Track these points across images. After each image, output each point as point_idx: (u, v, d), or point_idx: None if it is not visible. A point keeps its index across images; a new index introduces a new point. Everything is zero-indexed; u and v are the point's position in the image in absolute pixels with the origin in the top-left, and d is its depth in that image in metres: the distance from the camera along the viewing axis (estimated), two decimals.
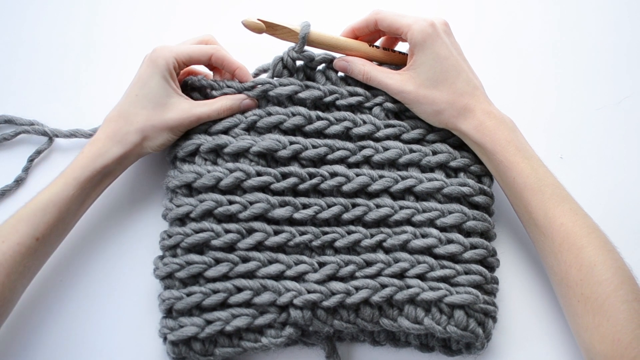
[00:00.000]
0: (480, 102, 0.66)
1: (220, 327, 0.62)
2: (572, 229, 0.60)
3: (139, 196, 0.73)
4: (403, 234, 0.66)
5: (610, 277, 0.57)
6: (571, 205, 0.62)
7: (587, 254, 0.59)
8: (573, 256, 0.59)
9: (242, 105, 0.69)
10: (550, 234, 0.61)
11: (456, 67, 0.65)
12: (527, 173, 0.63)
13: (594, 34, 0.83)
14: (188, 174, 0.66)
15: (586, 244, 0.59)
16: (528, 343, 0.69)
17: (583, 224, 0.61)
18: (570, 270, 0.59)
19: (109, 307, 0.69)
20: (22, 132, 0.74)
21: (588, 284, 0.57)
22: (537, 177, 0.63)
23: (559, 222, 0.61)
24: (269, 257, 0.65)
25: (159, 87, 0.66)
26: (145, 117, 0.65)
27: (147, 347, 0.68)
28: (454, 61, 0.66)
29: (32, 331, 0.67)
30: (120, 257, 0.70)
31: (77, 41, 0.80)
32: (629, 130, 0.80)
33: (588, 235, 0.60)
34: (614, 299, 0.56)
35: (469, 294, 0.64)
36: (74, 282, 0.69)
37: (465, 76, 0.66)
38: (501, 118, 0.66)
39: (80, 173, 0.64)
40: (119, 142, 0.65)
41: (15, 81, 0.77)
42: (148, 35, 0.80)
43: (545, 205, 0.62)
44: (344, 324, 0.64)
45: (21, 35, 0.79)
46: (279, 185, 0.66)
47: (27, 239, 0.61)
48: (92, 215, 0.71)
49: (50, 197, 0.62)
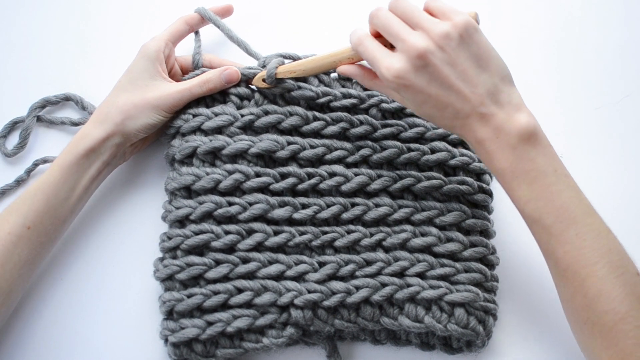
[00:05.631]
0: (471, 129, 0.59)
1: (221, 328, 0.62)
2: (576, 257, 0.56)
3: (138, 198, 0.73)
4: (402, 233, 0.66)
5: (616, 306, 0.54)
6: (578, 230, 0.57)
7: (590, 284, 0.55)
8: (577, 284, 0.56)
9: (223, 77, 0.68)
10: (553, 261, 0.58)
11: (439, 104, 0.59)
12: (524, 201, 0.58)
13: (593, 33, 0.83)
14: (187, 176, 0.66)
15: (590, 274, 0.55)
16: (529, 341, 0.69)
17: (590, 250, 0.56)
18: (576, 296, 0.57)
19: (110, 309, 0.69)
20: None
21: (594, 312, 0.55)
22: (538, 205, 0.58)
23: (561, 250, 0.57)
24: (269, 258, 0.65)
25: (142, 69, 0.67)
26: (125, 97, 0.67)
27: (148, 349, 0.68)
28: (434, 101, 0.58)
29: (32, 332, 0.67)
30: (120, 259, 0.71)
31: (72, 38, 0.80)
32: (628, 129, 0.80)
33: (594, 265, 0.56)
34: (621, 326, 0.54)
35: (469, 292, 0.64)
36: (74, 284, 0.69)
37: (451, 110, 0.59)
38: (502, 140, 0.58)
39: (63, 158, 0.65)
40: (100, 124, 0.66)
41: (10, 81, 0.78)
42: (146, 33, 0.80)
43: (547, 234, 0.58)
44: (345, 323, 0.64)
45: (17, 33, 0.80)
46: (278, 186, 0.66)
47: (18, 228, 0.62)
48: (91, 217, 0.71)
49: (38, 185, 0.64)
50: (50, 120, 0.74)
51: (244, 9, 0.80)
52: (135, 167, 0.73)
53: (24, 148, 0.73)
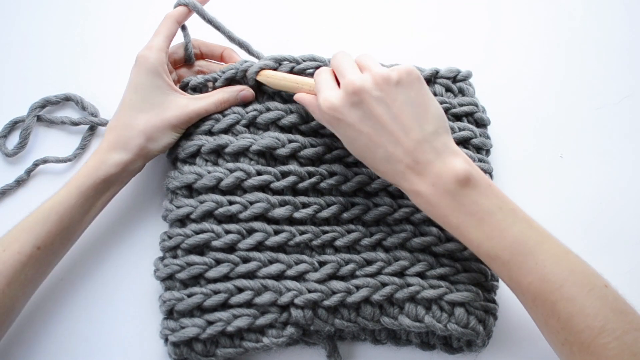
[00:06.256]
0: (405, 178, 0.59)
1: (221, 328, 0.62)
2: (540, 286, 0.56)
3: (139, 197, 0.73)
4: (402, 233, 0.66)
5: (590, 323, 0.54)
6: (537, 259, 0.56)
7: (561, 307, 0.55)
8: (548, 310, 0.56)
9: (239, 97, 0.69)
10: (521, 293, 0.58)
11: (370, 143, 0.59)
12: (477, 243, 0.58)
13: (593, 33, 0.83)
14: (188, 174, 0.66)
15: (559, 298, 0.55)
16: (529, 340, 0.69)
17: (553, 275, 0.56)
18: (550, 321, 0.56)
19: (110, 308, 0.69)
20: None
21: (570, 332, 0.54)
22: (491, 244, 0.57)
23: (526, 282, 0.57)
24: (270, 257, 0.65)
25: (154, 87, 0.66)
26: (145, 119, 0.65)
27: (148, 348, 0.68)
28: (366, 139, 0.59)
29: (32, 332, 0.67)
30: (121, 258, 0.71)
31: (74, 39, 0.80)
32: (629, 129, 0.80)
33: (560, 288, 0.55)
34: (600, 341, 0.53)
35: (469, 292, 0.64)
36: (74, 284, 0.69)
37: (382, 152, 0.59)
38: (439, 188, 0.58)
39: (82, 182, 0.63)
40: (122, 149, 0.65)
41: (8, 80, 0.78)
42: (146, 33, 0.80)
43: (507, 269, 0.57)
44: (345, 322, 0.64)
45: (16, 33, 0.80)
46: (278, 184, 0.66)
47: (29, 248, 0.60)
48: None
49: (52, 206, 0.62)
50: (51, 120, 0.74)
51: (244, 9, 0.80)
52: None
53: (24, 148, 0.73)
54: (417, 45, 0.82)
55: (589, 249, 0.61)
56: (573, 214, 0.76)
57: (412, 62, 0.73)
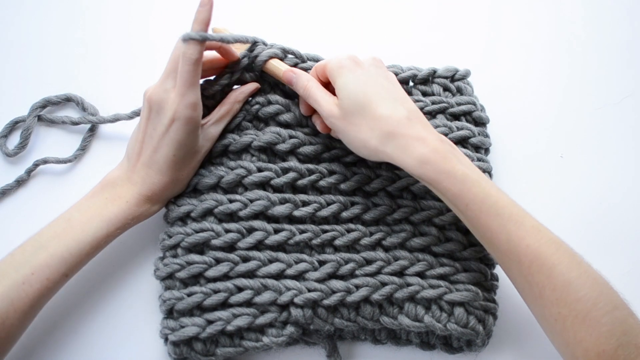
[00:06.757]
0: (409, 128, 0.60)
1: (221, 327, 0.62)
2: (539, 248, 0.57)
3: None
4: (402, 232, 0.66)
5: (587, 292, 0.54)
6: (532, 223, 0.58)
7: (559, 273, 0.55)
8: (545, 277, 0.56)
9: (240, 97, 0.69)
10: (516, 258, 0.58)
11: (378, 94, 0.61)
12: (480, 198, 0.58)
13: (594, 33, 0.83)
14: None
15: (557, 262, 0.56)
16: (529, 340, 0.69)
17: (548, 241, 0.57)
18: (544, 291, 0.56)
19: (110, 308, 0.69)
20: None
21: (565, 303, 0.55)
22: (492, 200, 0.58)
23: (524, 244, 0.57)
24: (269, 256, 0.65)
25: (195, 140, 0.65)
26: (189, 169, 0.66)
27: (148, 348, 0.68)
28: (377, 88, 0.61)
29: (32, 332, 0.67)
30: (120, 258, 0.70)
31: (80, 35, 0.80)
32: (629, 129, 0.80)
33: (557, 252, 0.56)
34: (595, 313, 0.54)
35: (468, 291, 0.64)
36: (73, 284, 0.69)
37: (389, 104, 0.61)
38: (437, 142, 0.60)
39: (115, 222, 0.64)
40: (162, 202, 0.67)
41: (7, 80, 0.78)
42: (147, 33, 0.80)
43: (506, 229, 0.58)
44: (345, 322, 0.64)
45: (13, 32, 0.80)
46: (279, 180, 0.66)
47: (58, 276, 0.60)
48: None
49: (87, 239, 0.62)
50: (51, 119, 0.74)
51: (244, 9, 0.80)
52: None
53: (25, 148, 0.74)
54: (417, 45, 0.82)
55: (589, 249, 0.61)
56: (573, 213, 0.76)
57: (411, 62, 0.73)
